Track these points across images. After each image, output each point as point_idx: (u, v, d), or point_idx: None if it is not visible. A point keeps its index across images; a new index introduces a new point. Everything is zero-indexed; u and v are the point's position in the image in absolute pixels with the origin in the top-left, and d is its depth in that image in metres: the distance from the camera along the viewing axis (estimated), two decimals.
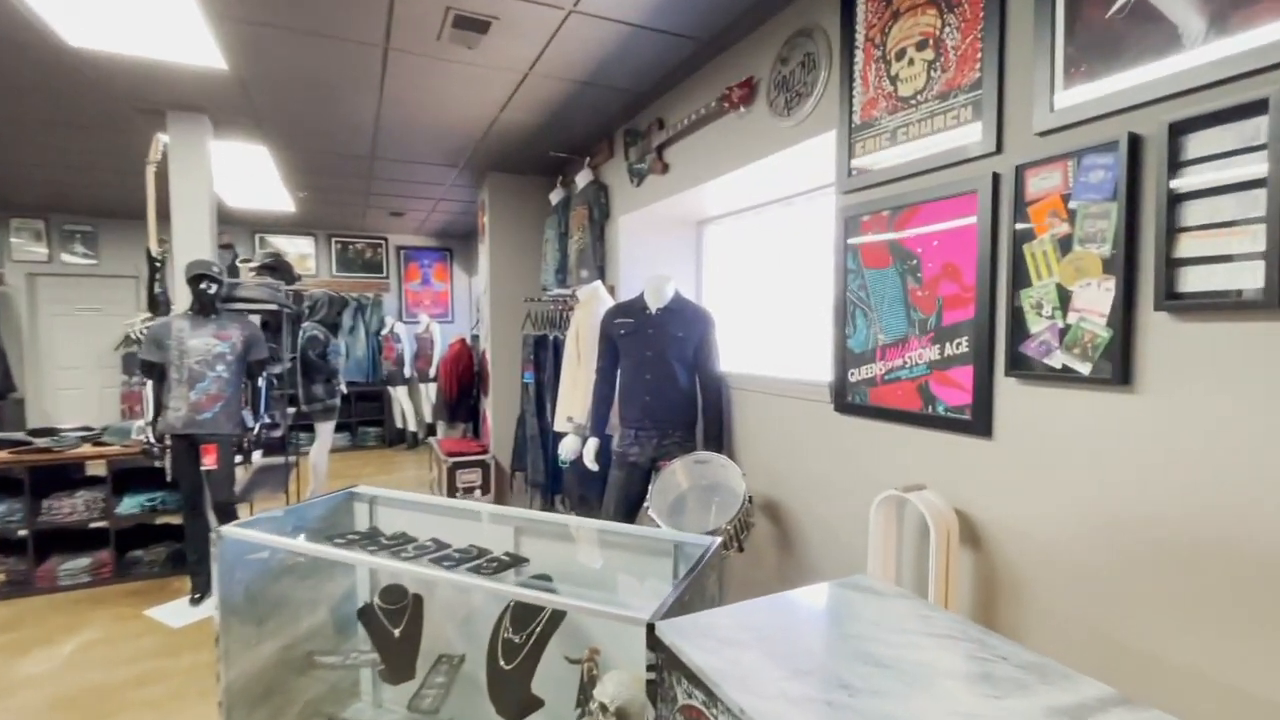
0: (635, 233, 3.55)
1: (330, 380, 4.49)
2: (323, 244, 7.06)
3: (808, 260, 2.70)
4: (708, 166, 2.67)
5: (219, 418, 3.07)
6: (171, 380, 3.04)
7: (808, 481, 2.16)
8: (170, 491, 3.46)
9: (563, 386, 3.09)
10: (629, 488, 2.52)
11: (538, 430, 4.04)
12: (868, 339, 1.87)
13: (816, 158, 2.22)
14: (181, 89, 2.95)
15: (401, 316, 7.36)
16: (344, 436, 6.99)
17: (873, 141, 1.83)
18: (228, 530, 1.48)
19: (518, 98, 3.04)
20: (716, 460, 2.32)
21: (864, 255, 1.87)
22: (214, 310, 3.14)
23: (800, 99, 2.11)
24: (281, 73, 2.75)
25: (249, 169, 4.28)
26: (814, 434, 2.12)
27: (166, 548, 3.55)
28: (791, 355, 2.79)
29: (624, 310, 2.59)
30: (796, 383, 2.20)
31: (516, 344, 4.53)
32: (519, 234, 4.60)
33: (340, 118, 3.32)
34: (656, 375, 2.46)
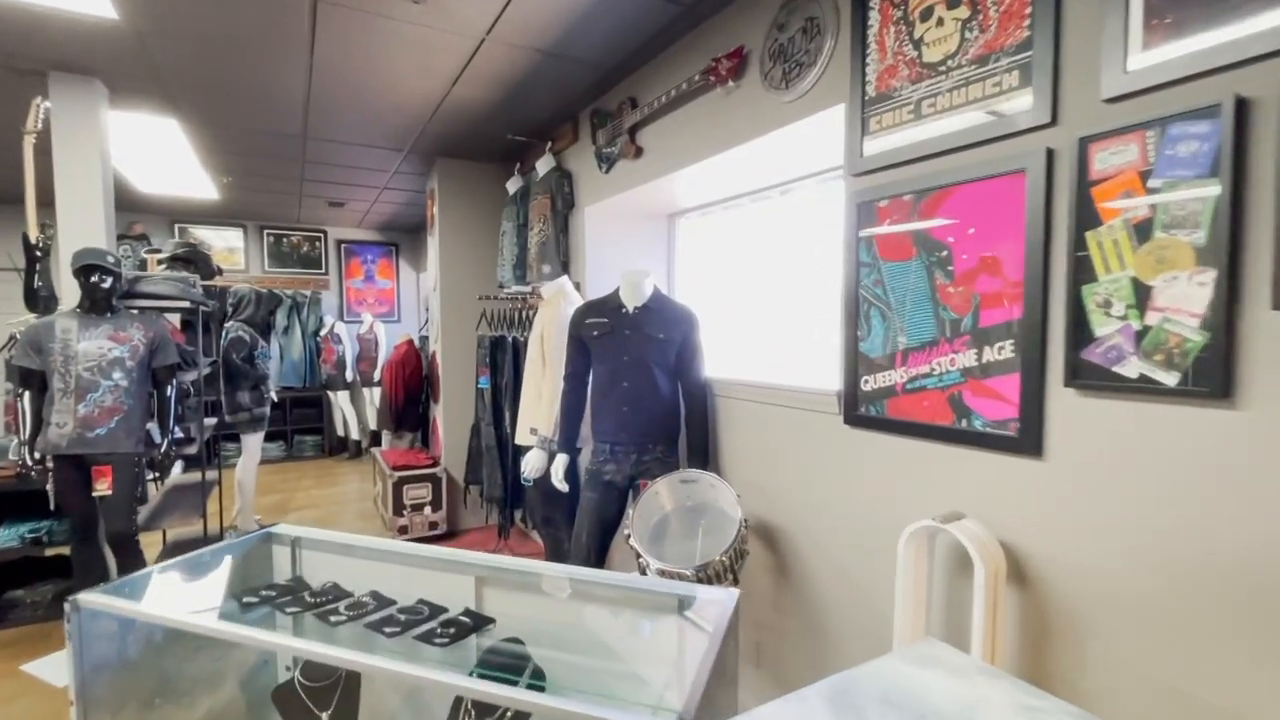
0: (603, 225, 3.26)
1: (258, 387, 4.00)
2: (253, 236, 6.46)
3: (799, 253, 2.46)
4: (688, 150, 2.39)
5: (115, 434, 2.61)
6: (55, 390, 2.55)
7: (810, 503, 1.92)
8: (58, 519, 2.96)
9: (525, 394, 2.76)
10: (604, 510, 2.22)
11: (495, 440, 3.69)
12: (885, 342, 1.63)
13: (817, 137, 1.98)
14: (64, 44, 2.48)
15: (342, 316, 6.83)
16: (278, 446, 6.41)
17: (890, 116, 1.59)
18: (87, 600, 1.11)
19: (472, 69, 2.69)
20: (705, 479, 2.05)
21: (880, 246, 1.64)
22: (110, 308, 2.67)
23: (801, 70, 1.86)
24: (186, 25, 2.32)
25: (159, 146, 3.76)
26: (818, 449, 1.87)
27: (53, 586, 3.04)
28: (780, 359, 2.55)
29: (596, 309, 2.29)
30: (797, 391, 1.95)
31: (470, 345, 4.16)
32: (472, 226, 4.23)
33: (263, 86, 2.89)
34: (635, 382, 2.18)
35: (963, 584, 1.46)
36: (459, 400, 4.25)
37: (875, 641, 1.72)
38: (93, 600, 1.09)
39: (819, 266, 2.36)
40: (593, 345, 2.28)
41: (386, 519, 4.00)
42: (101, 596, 1.11)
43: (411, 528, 3.90)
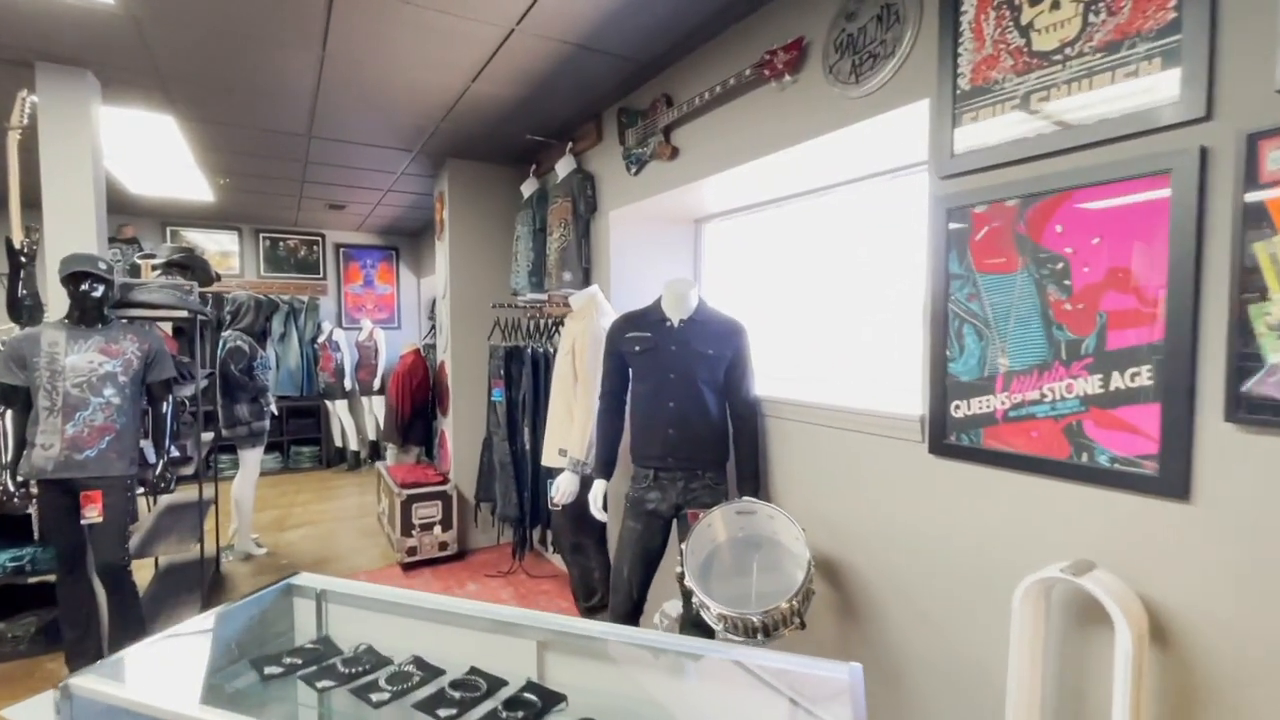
0: (628, 230, 3.08)
1: (257, 400, 3.79)
2: (249, 240, 6.22)
3: (847, 259, 2.30)
4: (732, 150, 2.22)
5: (106, 455, 2.40)
6: (40, 409, 2.34)
7: (885, 538, 1.74)
8: (43, 546, 2.73)
9: (553, 412, 2.57)
10: (647, 542, 2.04)
11: (509, 456, 3.50)
12: (982, 363, 1.46)
13: (889, 135, 1.82)
14: (53, 32, 2.27)
15: (341, 322, 6.60)
16: (274, 458, 6.17)
17: (990, 111, 1.43)
18: (81, 687, 0.91)
19: (495, 63, 2.51)
20: (763, 510, 1.87)
21: (976, 256, 1.47)
22: (101, 319, 2.46)
23: (875, 62, 1.69)
24: (189, 12, 2.13)
25: (153, 145, 3.55)
26: (896, 479, 1.70)
27: (38, 618, 2.81)
28: (827, 374, 2.37)
29: (636, 322, 2.11)
30: (869, 414, 1.78)
31: (481, 356, 3.97)
32: (484, 231, 4.04)
33: (270, 80, 2.70)
34: (682, 402, 1.99)
35: (1082, 644, 1.29)
36: (469, 413, 4.05)
37: (966, 697, 1.54)
38: (87, 687, 0.90)
39: (873, 273, 2.20)
40: (633, 361, 2.09)
41: (394, 539, 3.79)
42: (98, 682, 0.91)
43: (421, 549, 3.69)
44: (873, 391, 2.09)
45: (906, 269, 2.04)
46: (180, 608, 3.02)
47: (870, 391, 2.11)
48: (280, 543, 4.19)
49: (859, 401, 1.90)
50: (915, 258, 1.99)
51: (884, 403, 1.85)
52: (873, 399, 1.96)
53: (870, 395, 2.06)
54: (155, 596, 3.14)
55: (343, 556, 3.93)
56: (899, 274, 2.08)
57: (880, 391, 2.07)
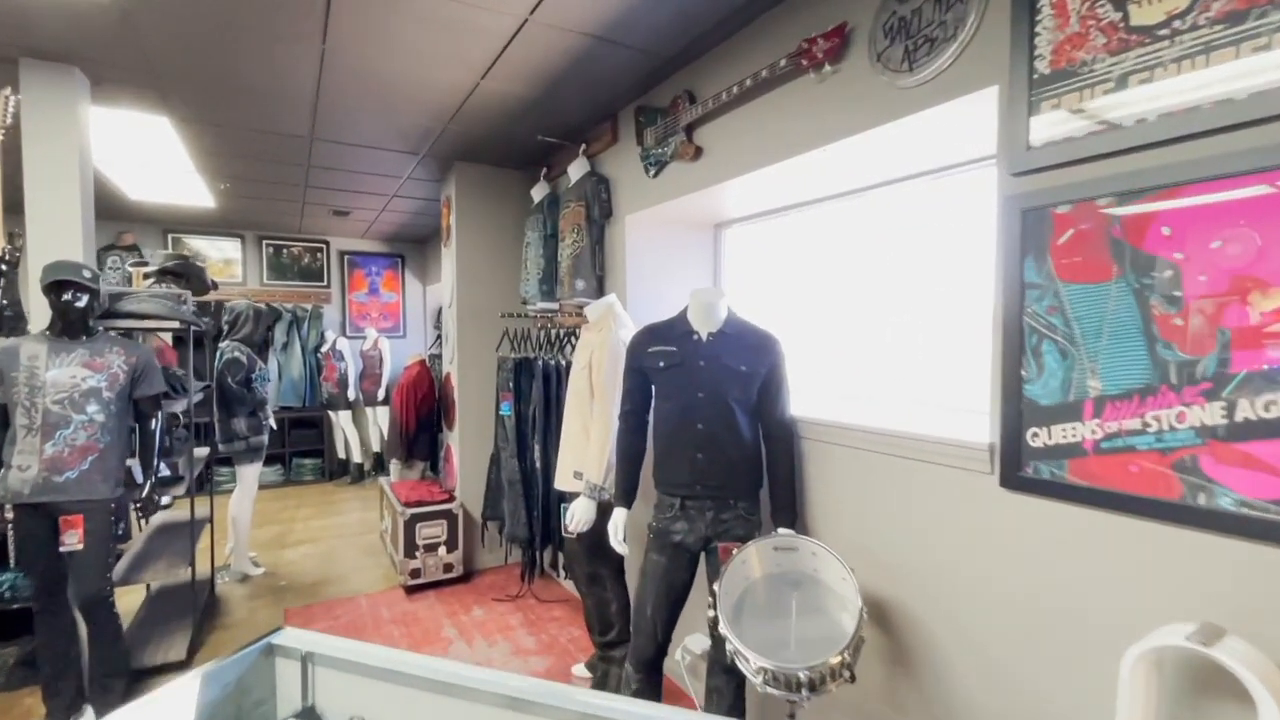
0: (645, 236, 2.91)
1: (255, 413, 3.62)
2: (251, 247, 6.09)
3: (886, 264, 2.11)
4: (763, 148, 2.05)
5: (89, 477, 2.23)
6: (17, 428, 2.18)
7: (948, 582, 1.55)
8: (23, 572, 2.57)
9: (568, 431, 2.39)
10: (673, 577, 1.85)
11: (518, 473, 3.32)
12: (1066, 386, 1.27)
13: (946, 128, 1.64)
14: (37, 25, 2.13)
15: (345, 331, 6.46)
16: (275, 470, 6.02)
17: (1076, 96, 1.24)
18: None
19: (506, 58, 2.35)
20: (805, 546, 1.68)
21: (1058, 263, 1.28)
22: (86, 330, 2.30)
23: (932, 47, 1.51)
24: (179, 2, 1.98)
25: (151, 149, 3.41)
26: (960, 516, 1.51)
27: (18, 648, 2.64)
28: (880, 395, 2.19)
29: (660, 335, 1.93)
30: (926, 440, 1.59)
31: (489, 367, 3.80)
32: (493, 237, 3.88)
33: (268, 78, 2.55)
34: (711, 424, 1.81)
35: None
36: (476, 427, 3.87)
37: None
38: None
39: (924, 281, 2.01)
40: (657, 378, 1.91)
41: (397, 560, 3.61)
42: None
43: (425, 570, 3.51)
44: (927, 413, 1.91)
45: (966, 276, 1.86)
46: (170, 635, 2.85)
47: (924, 413, 1.92)
48: (279, 562, 4.01)
49: (913, 424, 1.71)
50: (977, 263, 1.81)
51: (942, 426, 1.66)
52: (929, 422, 1.77)
53: (924, 417, 1.87)
54: (144, 623, 2.97)
55: (344, 577, 3.75)
56: (956, 281, 1.90)
57: (935, 413, 1.88)
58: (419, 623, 3.16)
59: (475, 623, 3.16)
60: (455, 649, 2.89)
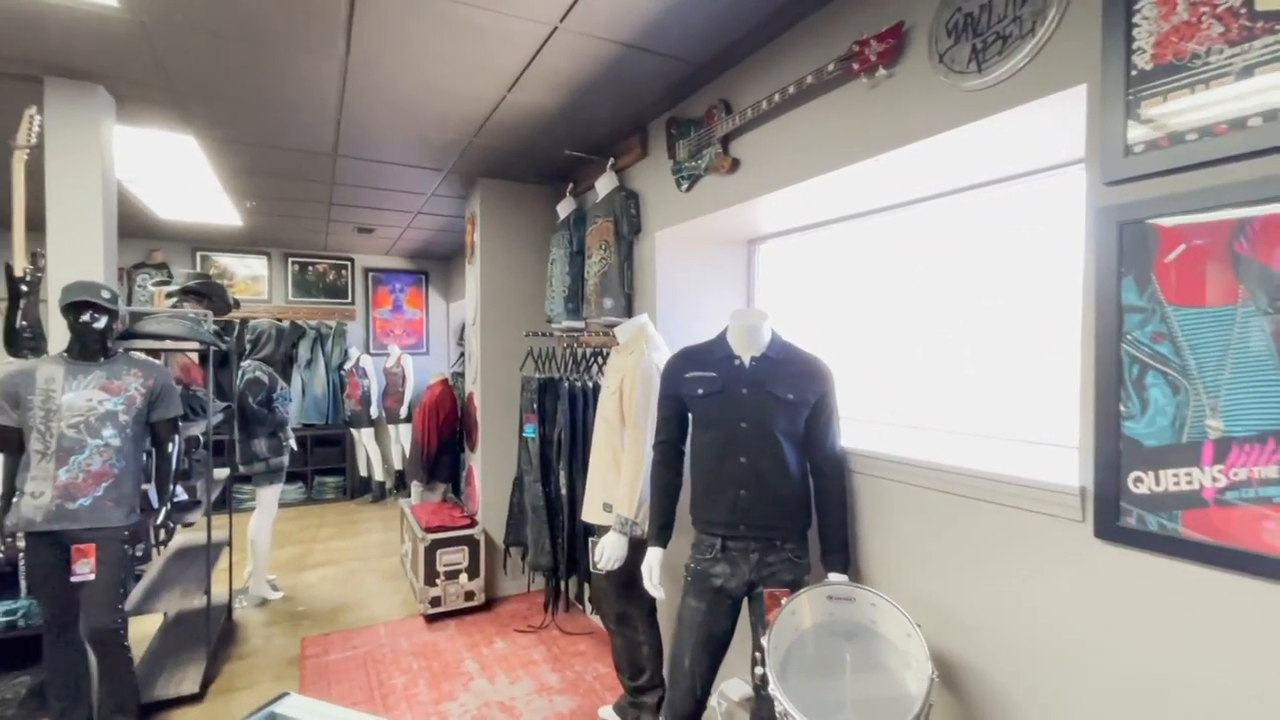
0: (675, 252, 2.79)
1: (276, 434, 3.56)
2: (277, 264, 6.11)
3: (957, 286, 1.95)
4: (808, 159, 1.92)
5: (102, 504, 2.16)
6: (32, 453, 2.11)
7: (1032, 643, 1.37)
8: None
9: (596, 460, 2.26)
10: (712, 625, 1.69)
11: (542, 499, 3.19)
12: (1179, 425, 1.10)
13: (1019, 133, 1.49)
14: (61, 42, 2.09)
15: (368, 348, 6.43)
16: (297, 488, 5.97)
17: (1185, 93, 1.09)
18: None
19: (534, 69, 2.26)
20: (864, 597, 1.51)
21: (1165, 283, 1.12)
22: (104, 352, 2.25)
23: (1005, 45, 1.37)
24: (198, 13, 1.92)
25: (179, 168, 3.40)
26: (1045, 568, 1.33)
27: (31, 677, 2.57)
28: (940, 426, 2.02)
29: (699, 360, 1.79)
30: (1002, 480, 1.42)
31: (513, 387, 3.69)
32: (517, 254, 3.79)
33: (291, 93, 2.49)
34: (755, 457, 1.66)
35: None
36: (499, 449, 3.76)
37: None
38: None
39: (988, 299, 1.85)
40: (695, 406, 1.77)
41: (417, 588, 3.49)
42: None
43: (445, 599, 3.38)
44: (994, 447, 1.73)
45: (1040, 293, 1.69)
46: (184, 666, 2.76)
47: (991, 447, 1.74)
48: (298, 585, 3.92)
49: (983, 461, 1.54)
50: (1055, 280, 1.65)
51: (1014, 462, 1.49)
52: (996, 456, 1.60)
53: (991, 451, 1.70)
54: (159, 652, 2.88)
55: (362, 604, 3.64)
56: (1028, 300, 1.73)
57: (1003, 447, 1.71)
58: (439, 655, 3.02)
59: (497, 656, 3.02)
60: (476, 685, 2.75)
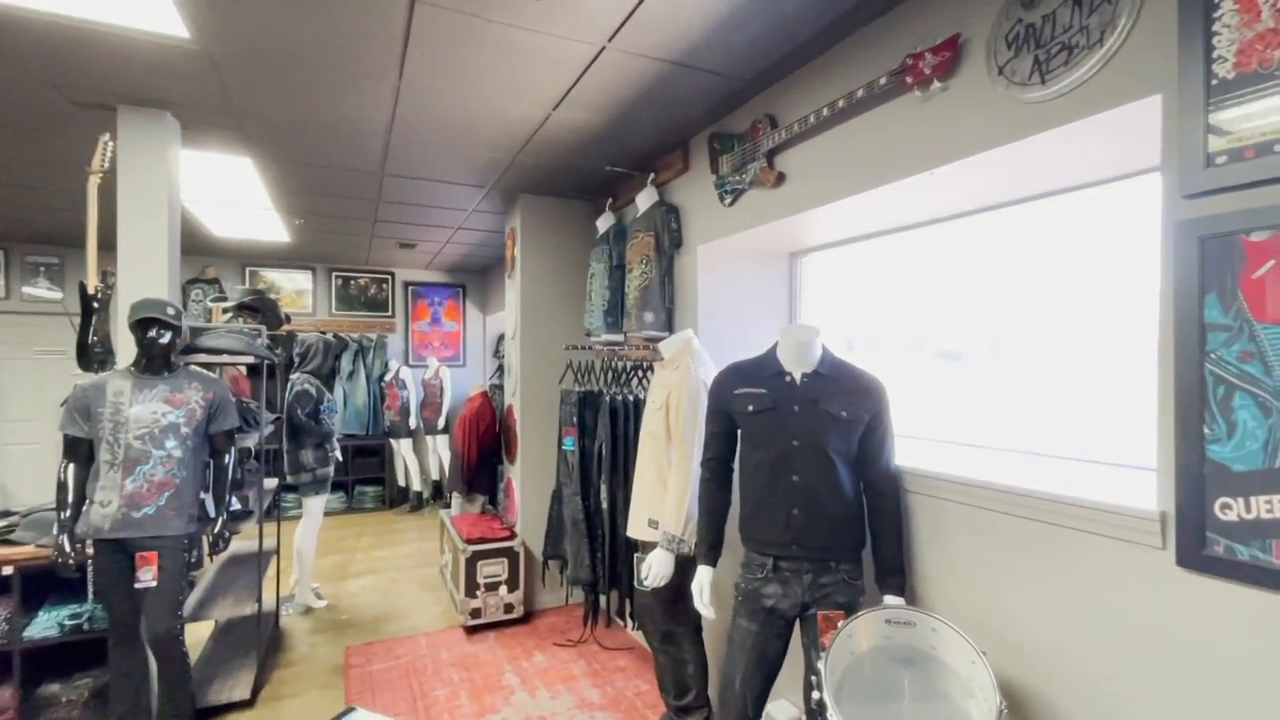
0: (716, 266, 2.78)
1: (322, 445, 3.64)
2: (322, 279, 6.30)
3: (1013, 299, 1.91)
4: (855, 173, 1.90)
5: (164, 512, 2.23)
6: (101, 463, 2.20)
7: (1105, 680, 1.31)
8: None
9: (641, 476, 2.25)
10: (764, 647, 1.66)
11: (581, 511, 3.19)
12: (1272, 449, 1.05)
13: (1085, 144, 1.45)
14: (133, 72, 2.20)
15: (408, 360, 6.56)
16: (339, 498, 6.10)
17: (1274, 103, 1.04)
18: None
19: (581, 87, 2.29)
20: (925, 622, 1.47)
21: (1254, 301, 1.07)
22: (167, 366, 2.33)
23: (1070, 55, 1.34)
24: (263, 43, 2.00)
25: (234, 188, 3.53)
26: (1120, 598, 1.28)
27: (93, 679, 2.65)
28: (995, 443, 1.96)
29: (748, 376, 1.78)
30: (1070, 502, 1.37)
31: (552, 400, 3.72)
32: (557, 269, 3.83)
33: (344, 115, 2.57)
34: (808, 476, 1.63)
35: None
36: (538, 461, 3.78)
37: None
38: None
39: (1047, 312, 1.80)
40: (745, 423, 1.75)
41: (457, 599, 3.52)
42: None
43: (485, 610, 3.40)
44: (1059, 468, 1.67)
45: (1107, 306, 1.64)
46: (235, 673, 2.83)
47: (1055, 468, 1.69)
48: (341, 594, 3.99)
49: (1049, 482, 1.48)
50: (1123, 295, 1.59)
51: (1083, 486, 1.44)
52: (1065, 479, 1.54)
53: (1056, 473, 1.64)
54: (211, 658, 2.96)
55: (403, 613, 3.69)
56: (1094, 313, 1.68)
57: (1068, 468, 1.65)
58: (480, 667, 3.04)
59: (537, 670, 3.02)
60: (517, 699, 2.75)
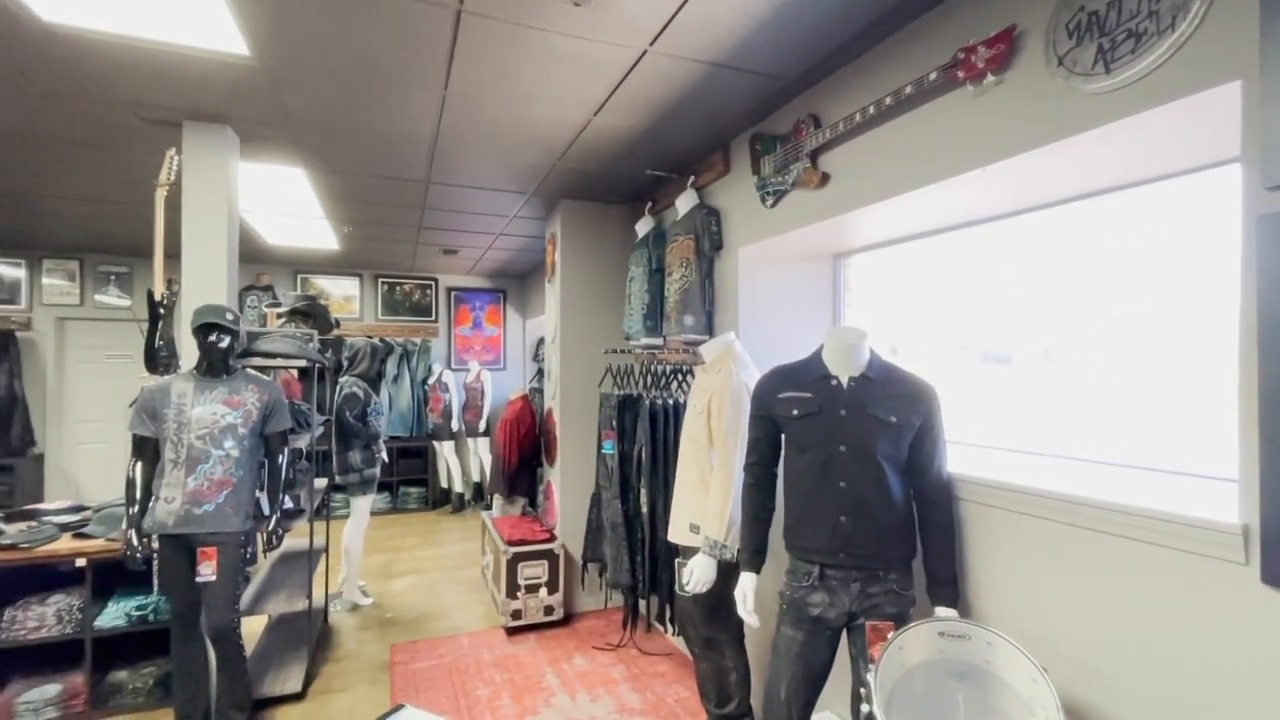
0: (758, 269, 2.75)
1: (369, 446, 3.74)
2: (369, 285, 6.49)
3: (1073, 299, 1.83)
4: (906, 171, 1.85)
5: (222, 510, 2.32)
6: (166, 462, 2.31)
7: (1181, 706, 1.23)
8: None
9: (682, 480, 2.24)
10: (810, 656, 1.62)
11: (620, 515, 3.19)
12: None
13: (1150, 135, 1.38)
14: (197, 89, 2.31)
15: (450, 363, 6.70)
16: (384, 498, 6.26)
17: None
18: None
19: (622, 92, 2.30)
20: (980, 635, 1.41)
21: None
22: (226, 369, 2.43)
23: (1138, 43, 1.27)
24: (318, 58, 2.08)
25: (288, 198, 3.67)
26: (1196, 616, 1.20)
27: (157, 668, 2.78)
28: (1048, 448, 1.88)
29: (793, 379, 1.75)
30: (1139, 513, 1.30)
31: (591, 404, 3.73)
32: (597, 273, 3.85)
33: (392, 125, 2.65)
34: (856, 482, 1.59)
35: None
36: (577, 465, 3.80)
37: None
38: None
39: (1103, 310, 1.72)
40: (789, 427, 1.72)
41: (499, 600, 3.56)
42: None
43: (526, 612, 3.44)
44: (1123, 477, 1.59)
45: (1173, 308, 1.56)
46: (287, 666, 2.92)
47: (1118, 476, 1.60)
48: (386, 592, 4.09)
49: (1115, 492, 1.41)
50: (1191, 294, 1.51)
51: (1156, 496, 1.36)
52: (1130, 488, 1.46)
53: (1120, 481, 1.56)
54: (264, 652, 3.06)
55: (447, 613, 3.75)
56: (1157, 314, 1.59)
57: (1133, 477, 1.57)
58: (520, 668, 3.06)
59: (577, 672, 3.03)
60: (558, 701, 2.76)
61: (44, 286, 5.46)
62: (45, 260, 5.46)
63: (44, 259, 5.46)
